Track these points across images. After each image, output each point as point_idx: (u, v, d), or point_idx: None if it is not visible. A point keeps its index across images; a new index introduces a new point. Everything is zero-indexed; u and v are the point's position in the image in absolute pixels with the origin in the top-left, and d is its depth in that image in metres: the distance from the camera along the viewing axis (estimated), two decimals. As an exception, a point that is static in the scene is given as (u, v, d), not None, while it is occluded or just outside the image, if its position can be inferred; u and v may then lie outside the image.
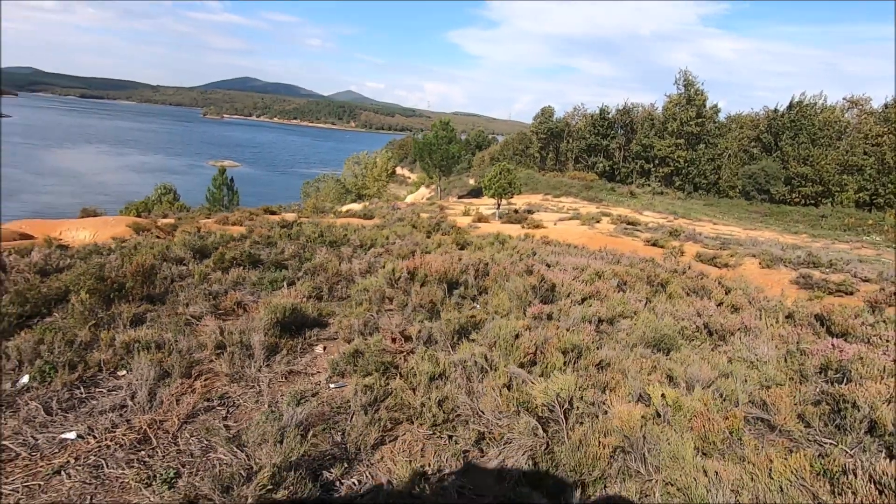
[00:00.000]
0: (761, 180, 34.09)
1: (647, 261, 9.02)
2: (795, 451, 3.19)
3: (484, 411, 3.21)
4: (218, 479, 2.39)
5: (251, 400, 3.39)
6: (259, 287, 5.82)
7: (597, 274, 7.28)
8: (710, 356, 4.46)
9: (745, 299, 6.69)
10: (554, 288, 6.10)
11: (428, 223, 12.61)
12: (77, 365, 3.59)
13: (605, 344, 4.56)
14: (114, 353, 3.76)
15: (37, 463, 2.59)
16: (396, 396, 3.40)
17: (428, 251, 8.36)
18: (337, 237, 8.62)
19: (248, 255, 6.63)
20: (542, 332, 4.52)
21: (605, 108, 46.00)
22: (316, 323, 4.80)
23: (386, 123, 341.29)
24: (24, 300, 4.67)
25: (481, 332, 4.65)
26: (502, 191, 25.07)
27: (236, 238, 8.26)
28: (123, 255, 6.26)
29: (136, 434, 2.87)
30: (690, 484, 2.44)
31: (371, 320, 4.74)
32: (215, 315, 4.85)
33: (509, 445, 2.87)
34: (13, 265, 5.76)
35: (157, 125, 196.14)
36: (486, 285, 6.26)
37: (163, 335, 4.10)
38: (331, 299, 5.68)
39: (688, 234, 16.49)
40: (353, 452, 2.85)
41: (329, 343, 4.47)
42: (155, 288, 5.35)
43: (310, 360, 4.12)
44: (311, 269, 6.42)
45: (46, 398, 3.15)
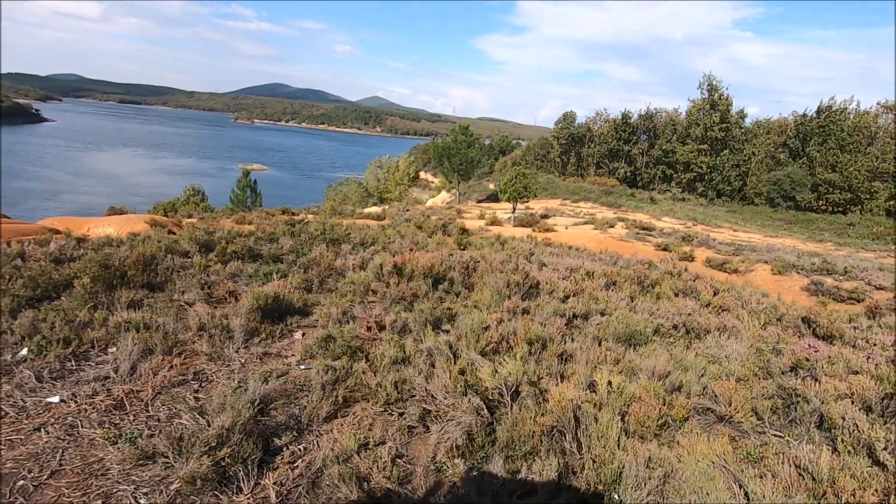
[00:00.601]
0: (786, 187, 33.11)
1: (644, 263, 9.03)
2: (738, 440, 3.28)
3: (435, 392, 3.39)
4: (173, 438, 2.64)
5: (224, 377, 3.66)
6: (254, 278, 6.13)
7: (587, 274, 7.37)
8: (677, 352, 4.53)
9: (733, 301, 6.67)
10: (538, 285, 6.23)
11: (434, 224, 12.83)
12: (72, 341, 3.92)
13: (575, 337, 4.68)
14: (107, 332, 4.09)
15: (21, 421, 2.90)
16: (357, 378, 3.61)
17: (426, 249, 8.57)
18: (339, 235, 8.92)
19: (248, 249, 6.96)
20: (512, 324, 4.68)
21: (627, 113, 45.53)
22: (300, 311, 5.06)
23: (411, 128, 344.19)
24: (35, 284, 5.07)
25: (455, 323, 4.83)
26: (517, 195, 25.13)
27: (243, 234, 8.64)
28: (132, 247, 6.67)
29: (112, 401, 3.16)
30: (609, 460, 2.57)
31: (350, 310, 4.97)
32: (207, 302, 5.17)
33: (451, 422, 3.04)
34: (31, 254, 6.22)
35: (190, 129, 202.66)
36: (472, 282, 6.43)
37: (154, 318, 4.42)
38: (320, 291, 5.94)
39: (700, 240, 16.27)
40: (305, 423, 3.07)
41: (308, 330, 4.72)
42: (157, 277, 5.71)
43: (287, 344, 4.37)
44: (306, 263, 6.71)
45: (39, 368, 3.48)
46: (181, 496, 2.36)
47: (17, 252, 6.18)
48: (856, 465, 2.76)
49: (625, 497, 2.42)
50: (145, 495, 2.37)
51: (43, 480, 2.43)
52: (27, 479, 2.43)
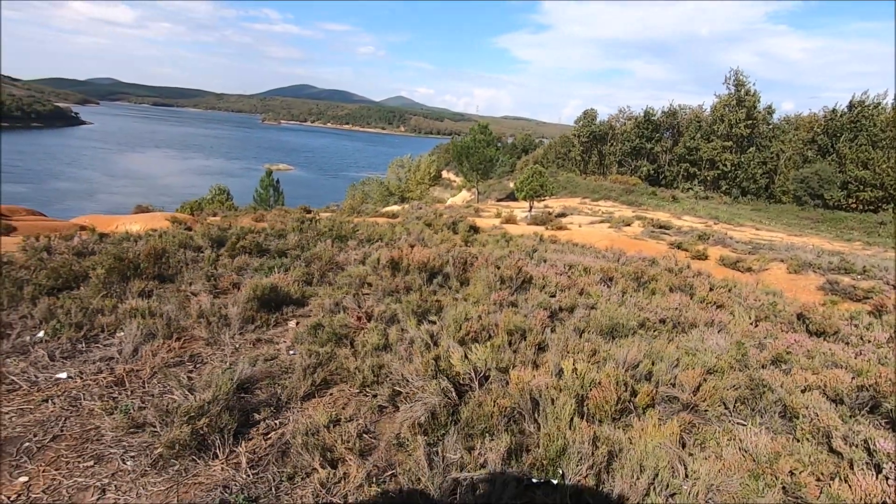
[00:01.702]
0: (814, 185, 32.06)
1: (647, 260, 9.04)
2: (699, 427, 3.39)
3: (409, 376, 3.60)
4: (161, 410, 2.93)
5: (218, 360, 3.94)
6: (259, 271, 6.45)
7: (585, 270, 7.46)
8: (657, 344, 4.62)
9: (729, 298, 6.67)
10: (531, 280, 6.37)
11: (443, 222, 13.05)
12: (84, 326, 4.28)
13: (556, 329, 4.82)
14: (116, 318, 4.43)
15: (32, 394, 3.23)
16: (338, 362, 3.85)
17: (427, 245, 8.79)
18: (345, 231, 9.22)
19: (256, 245, 7.31)
20: (496, 315, 4.85)
21: (650, 110, 44.80)
22: (297, 302, 5.34)
23: (435, 128, 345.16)
24: (57, 275, 5.49)
25: (441, 315, 5.03)
26: (534, 193, 25.15)
27: (255, 231, 9.02)
28: (147, 242, 7.09)
29: (114, 378, 3.47)
30: (556, 437, 2.73)
31: (343, 301, 5.22)
32: (212, 293, 5.50)
33: (419, 402, 3.24)
34: (56, 248, 6.69)
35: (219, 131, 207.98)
36: (468, 276, 6.61)
37: (160, 306, 4.75)
38: (320, 284, 6.21)
39: (716, 238, 16.03)
40: (284, 402, 3.32)
41: (303, 319, 4.99)
42: (168, 269, 6.09)
43: (281, 332, 4.65)
44: (309, 257, 7.01)
45: (52, 348, 3.83)
46: (163, 459, 2.63)
47: (44, 245, 6.66)
48: (803, 450, 2.85)
49: (567, 471, 2.58)
50: (132, 458, 2.65)
51: (45, 443, 2.73)
52: (32, 441, 2.74)
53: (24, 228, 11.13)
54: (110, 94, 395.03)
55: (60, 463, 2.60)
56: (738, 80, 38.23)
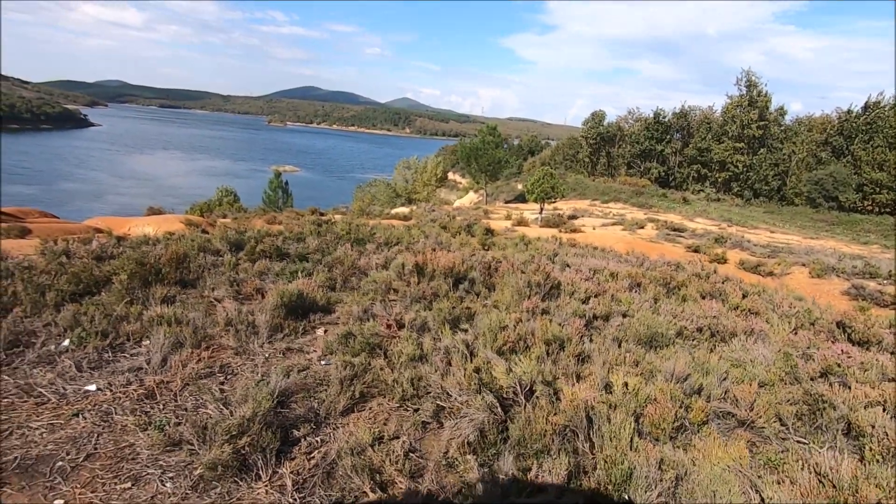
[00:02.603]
0: (829, 187, 31.63)
1: (672, 265, 8.84)
2: (759, 446, 3.21)
3: (451, 389, 3.44)
4: (198, 426, 2.78)
5: (248, 370, 3.80)
6: (281, 276, 6.32)
7: (611, 275, 7.28)
8: (700, 355, 4.44)
9: (763, 305, 6.47)
10: (559, 286, 6.20)
11: (459, 225, 12.89)
12: (109, 334, 4.15)
13: (594, 338, 4.65)
14: (141, 326, 4.30)
15: (62, 407, 3.10)
16: (375, 373, 3.69)
17: (448, 249, 8.64)
18: (363, 235, 9.08)
19: (276, 249, 7.18)
20: (530, 324, 4.68)
21: (660, 112, 44.45)
22: (323, 309, 5.20)
23: (440, 129, 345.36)
24: (78, 280, 5.37)
25: (474, 322, 4.87)
26: (545, 195, 24.95)
27: (273, 234, 8.91)
28: (167, 246, 6.98)
29: (144, 390, 3.33)
30: (619, 460, 2.56)
31: (371, 308, 5.07)
32: (236, 298, 5.36)
33: (464, 419, 3.08)
34: (75, 252, 6.59)
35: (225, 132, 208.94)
36: (493, 282, 6.45)
37: (185, 313, 4.62)
38: (343, 289, 6.07)
39: (734, 241, 15.78)
40: (323, 417, 3.17)
41: (330, 327, 4.85)
42: (189, 274, 5.96)
43: (310, 340, 4.50)
44: (330, 262, 6.87)
45: (79, 358, 3.70)
46: (204, 481, 2.49)
47: (63, 249, 6.56)
48: (882, 475, 2.67)
49: (635, 497, 2.42)
50: (171, 479, 2.51)
51: (79, 462, 2.60)
52: (65, 460, 2.61)
53: (39, 230, 11.07)
54: (118, 96, 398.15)
55: (96, 484, 2.46)
56: (750, 80, 37.85)
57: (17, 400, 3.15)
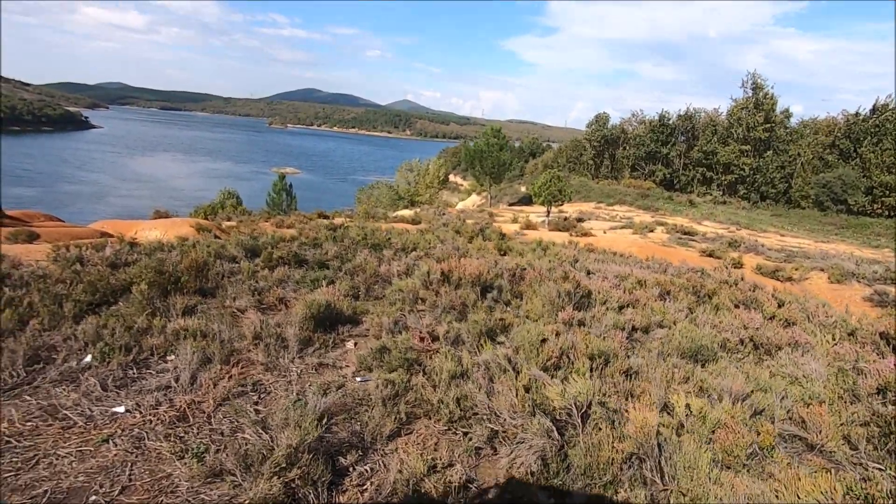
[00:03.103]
0: (837, 189, 31.42)
1: (696, 271, 8.64)
2: (834, 473, 3.00)
3: (500, 411, 3.23)
4: (241, 456, 2.58)
5: (282, 388, 3.60)
6: (301, 285, 6.12)
7: (639, 282, 7.08)
8: (750, 370, 4.24)
9: (800, 314, 6.27)
10: (590, 294, 6.00)
11: (472, 229, 12.69)
12: (132, 348, 3.95)
13: (637, 352, 4.45)
14: (165, 340, 4.10)
15: (90, 432, 2.89)
16: (417, 392, 3.49)
17: (467, 255, 8.44)
18: (379, 240, 8.88)
19: (293, 255, 6.98)
20: (570, 337, 4.48)
21: (665, 114, 44.32)
22: (350, 320, 4.99)
23: (440, 131, 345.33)
24: (94, 289, 5.17)
25: (509, 335, 4.67)
26: (552, 198, 24.75)
27: (286, 239, 8.70)
28: (182, 252, 6.78)
29: (175, 412, 3.13)
30: (703, 495, 2.36)
31: (402, 319, 4.87)
32: (258, 309, 5.16)
33: (521, 445, 2.88)
34: (89, 259, 6.39)
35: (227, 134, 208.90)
36: (521, 290, 6.25)
37: (209, 325, 4.41)
38: (367, 298, 5.87)
39: (748, 245, 15.57)
40: (368, 442, 2.96)
41: (360, 339, 4.64)
42: (207, 282, 5.76)
43: (340, 354, 4.30)
44: (351, 269, 6.67)
45: (103, 376, 3.49)
46: (252, 519, 2.28)
47: (76, 257, 6.36)
48: (984, 509, 2.46)
49: (724, 538, 2.21)
50: (216, 517, 2.31)
51: (115, 497, 2.39)
52: (99, 493, 2.40)
53: (47, 235, 10.87)
54: (119, 99, 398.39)
55: (136, 523, 2.25)
56: (756, 82, 37.71)
57: (42, 423, 2.95)
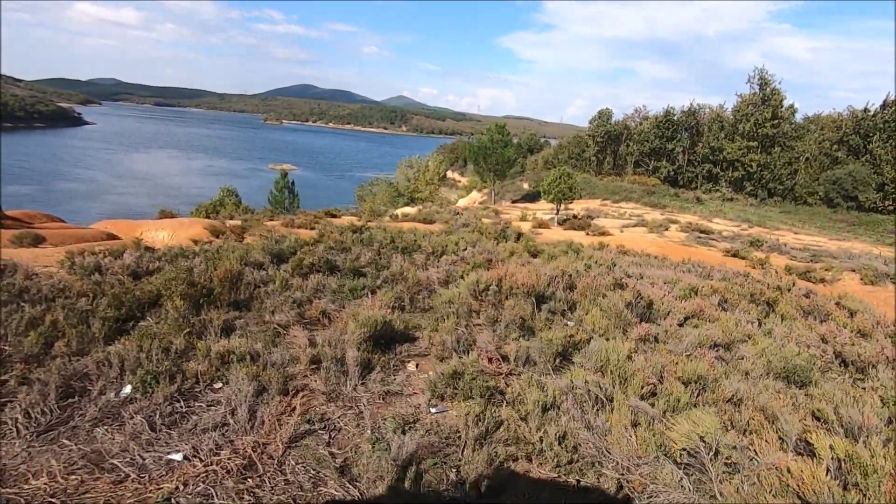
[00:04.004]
0: (848, 186, 31.15)
1: (742, 275, 8.24)
2: None
3: (612, 452, 2.82)
4: (337, 522, 2.15)
5: (352, 423, 3.17)
6: (339, 295, 5.68)
7: (692, 289, 6.68)
8: (858, 394, 3.83)
9: (871, 323, 5.88)
10: (651, 305, 5.59)
11: (494, 229, 12.26)
12: (175, 375, 3.50)
13: (729, 374, 4.04)
14: (210, 364, 3.65)
15: (146, 486, 2.45)
16: (509, 428, 3.07)
17: (501, 260, 8.01)
18: (408, 243, 8.44)
19: (325, 262, 6.53)
20: (653, 357, 4.07)
21: (670, 110, 43.91)
22: (404, 337, 4.56)
23: (436, 127, 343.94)
24: (119, 303, 4.71)
25: (583, 353, 4.25)
26: (562, 196, 24.33)
27: (310, 242, 8.25)
28: (208, 260, 6.31)
29: (241, 459, 2.69)
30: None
31: (462, 336, 4.44)
32: (301, 324, 4.72)
33: (655, 500, 2.46)
34: (108, 267, 5.91)
35: (222, 131, 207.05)
36: (573, 299, 5.83)
37: (253, 345, 3.97)
38: (413, 310, 5.44)
39: (771, 245, 15.22)
40: (473, 497, 2.54)
41: (421, 360, 4.21)
42: (240, 294, 5.31)
43: (404, 378, 3.86)
44: (390, 277, 6.23)
45: (149, 412, 3.05)
46: None
47: (93, 265, 5.88)
48: None
49: None
50: None
51: (192, 580, 1.95)
52: (172, 576, 1.96)
53: (52, 237, 10.35)
54: (113, 95, 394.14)
55: None
56: (763, 78, 37.30)
57: (88, 476, 2.51)
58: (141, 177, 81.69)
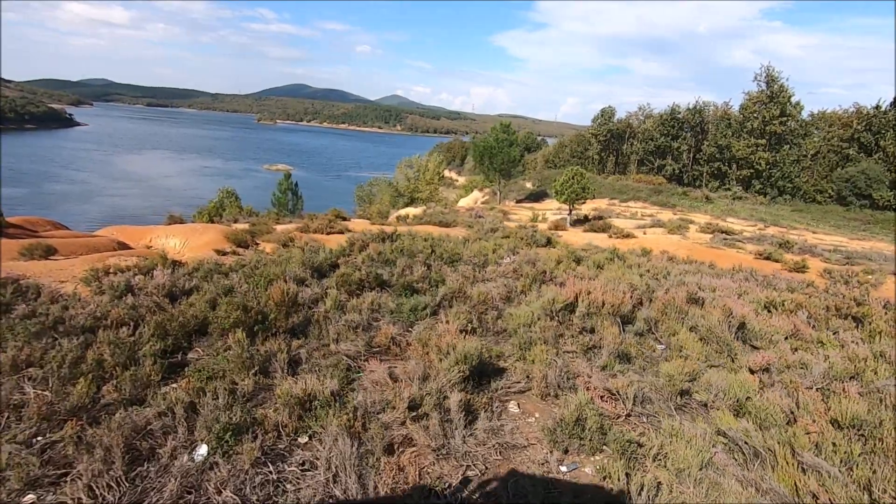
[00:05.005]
0: (861, 184, 30.86)
1: (807, 284, 7.77)
2: None
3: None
4: None
5: (477, 489, 2.63)
6: (398, 316, 5.14)
7: (770, 303, 6.18)
8: None
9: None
10: (744, 325, 5.08)
11: (524, 234, 11.74)
12: (251, 428, 2.96)
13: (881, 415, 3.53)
14: (290, 413, 3.10)
15: None
16: (672, 491, 2.55)
17: (550, 270, 7.49)
18: (448, 252, 7.89)
19: (375, 277, 5.98)
20: (782, 392, 3.56)
21: (675, 108, 43.53)
22: (491, 368, 4.02)
23: (431, 126, 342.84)
24: (164, 332, 4.16)
25: (703, 387, 3.73)
26: (575, 196, 23.83)
27: (345, 253, 7.70)
28: (246, 276, 5.75)
29: (368, 550, 2.16)
30: None
31: (557, 366, 3.91)
32: (371, 354, 4.18)
33: None
34: (141, 286, 5.33)
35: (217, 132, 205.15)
36: (654, 317, 5.32)
37: (329, 384, 3.41)
38: (484, 333, 4.90)
39: (802, 247, 14.80)
40: None
41: (521, 398, 3.68)
42: (295, 317, 4.75)
43: (512, 424, 3.33)
44: (449, 294, 5.68)
45: (238, 483, 2.50)
46: None
47: (124, 285, 5.29)
48: None
49: None
50: None
51: None
52: None
53: (62, 248, 9.73)
54: (104, 95, 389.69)
55: None
56: (771, 75, 36.95)
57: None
58: (135, 178, 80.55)
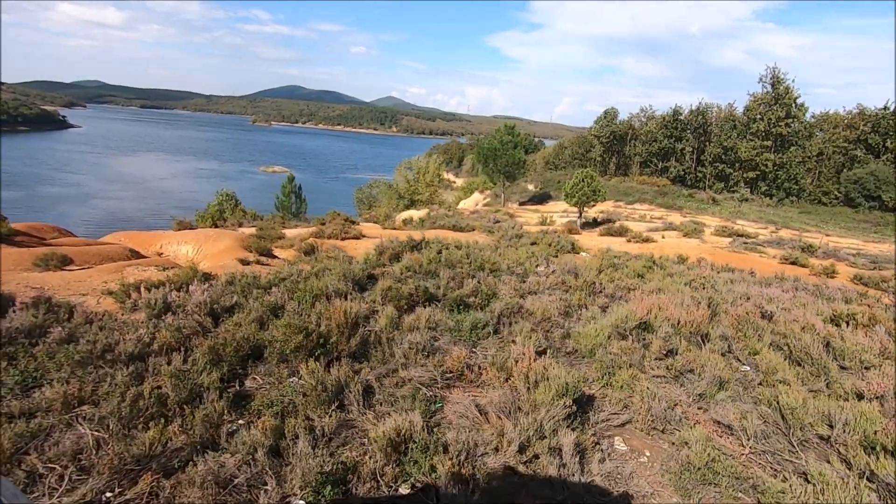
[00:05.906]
0: (870, 186, 30.79)
1: (861, 294, 7.49)
2: None
3: None
4: None
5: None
6: (458, 335, 4.79)
7: (838, 316, 5.88)
8: None
9: None
10: (829, 344, 4.77)
11: (549, 240, 11.42)
12: (345, 477, 2.61)
13: None
14: (386, 457, 2.75)
15: None
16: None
17: (600, 282, 7.17)
18: (486, 261, 7.54)
19: (424, 291, 5.62)
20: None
21: (678, 109, 43.42)
22: (584, 398, 3.68)
23: (427, 128, 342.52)
24: (217, 358, 3.79)
25: (814, 415, 3.41)
26: (586, 199, 23.61)
27: (379, 263, 7.34)
28: (290, 292, 5.38)
29: None
30: None
31: (659, 398, 3.57)
32: (446, 382, 3.83)
33: None
34: (180, 303, 4.94)
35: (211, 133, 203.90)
36: (730, 334, 5.00)
37: (411, 418, 3.06)
38: (556, 354, 4.56)
39: (826, 251, 14.57)
40: None
41: (623, 433, 3.34)
42: (355, 339, 4.39)
43: (625, 465, 2.99)
44: (507, 310, 5.33)
45: (353, 552, 2.15)
46: None
47: (161, 302, 4.91)
48: None
49: None
50: None
51: None
52: None
53: (75, 256, 9.30)
54: (97, 97, 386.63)
55: None
56: (776, 77, 36.84)
57: None
58: (130, 181, 79.73)
